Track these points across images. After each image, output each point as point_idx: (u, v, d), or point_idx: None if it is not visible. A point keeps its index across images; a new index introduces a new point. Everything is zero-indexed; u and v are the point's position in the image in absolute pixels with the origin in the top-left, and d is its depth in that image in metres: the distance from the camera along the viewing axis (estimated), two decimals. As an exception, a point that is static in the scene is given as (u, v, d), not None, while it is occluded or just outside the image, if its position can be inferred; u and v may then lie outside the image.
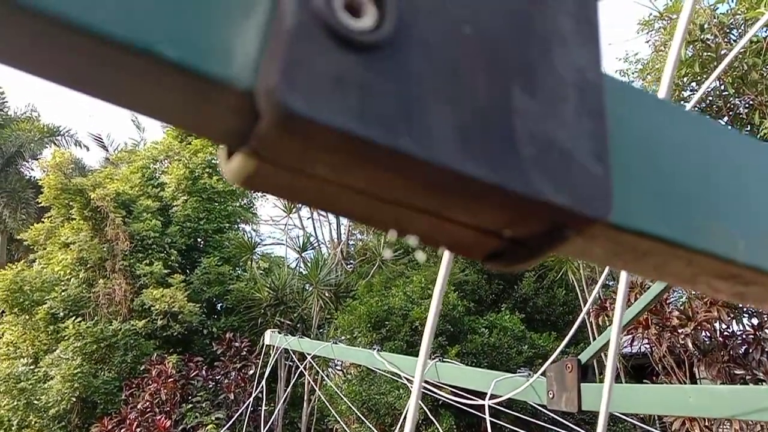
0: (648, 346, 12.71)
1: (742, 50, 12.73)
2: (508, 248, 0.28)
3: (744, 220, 0.33)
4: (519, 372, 2.51)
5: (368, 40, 0.23)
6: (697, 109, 13.89)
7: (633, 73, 15.58)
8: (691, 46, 13.17)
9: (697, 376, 12.73)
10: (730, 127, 13.24)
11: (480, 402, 2.59)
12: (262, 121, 0.21)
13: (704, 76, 13.55)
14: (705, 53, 13.20)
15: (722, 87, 13.64)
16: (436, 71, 0.24)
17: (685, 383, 11.57)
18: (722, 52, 12.97)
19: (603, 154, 0.27)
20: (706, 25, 13.15)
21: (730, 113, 14.10)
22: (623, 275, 1.20)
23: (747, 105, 14.21)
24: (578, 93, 0.27)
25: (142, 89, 0.22)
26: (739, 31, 13.68)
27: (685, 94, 14.01)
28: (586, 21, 0.29)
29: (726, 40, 13.42)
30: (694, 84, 13.94)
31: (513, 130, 0.25)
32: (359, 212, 0.26)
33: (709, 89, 13.85)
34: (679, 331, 11.11)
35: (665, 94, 1.00)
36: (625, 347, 14.76)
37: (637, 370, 14.32)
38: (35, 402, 14.50)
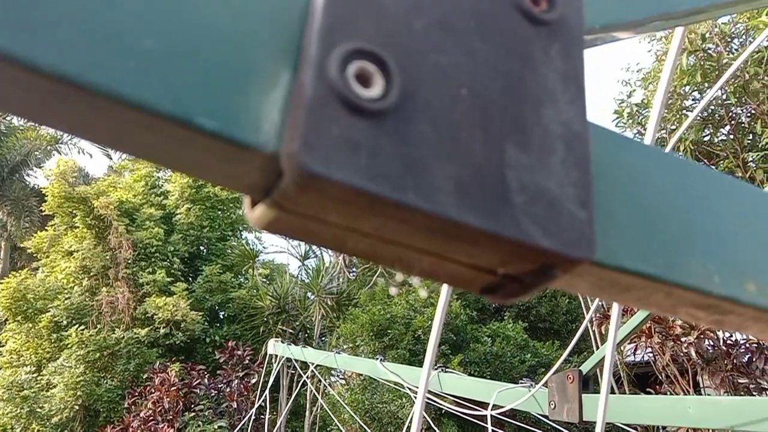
0: (651, 354, 12.69)
1: (744, 60, 12.77)
2: (502, 283, 0.31)
3: (719, 255, 0.36)
4: (521, 382, 2.53)
5: (377, 108, 0.26)
6: (699, 118, 13.93)
7: (635, 83, 15.64)
8: (693, 55, 13.23)
9: (701, 385, 12.69)
10: (731, 136, 13.26)
11: (482, 412, 2.62)
12: (285, 178, 0.25)
13: (706, 85, 13.59)
14: (706, 63, 13.25)
15: (724, 96, 13.68)
16: (436, 132, 0.27)
17: (689, 392, 11.56)
18: (724, 62, 13.02)
19: (587, 201, 0.30)
20: (707, 35, 13.21)
21: (732, 122, 14.14)
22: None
23: (749, 114, 14.24)
24: (565, 145, 0.30)
25: (182, 152, 0.25)
26: (741, 40, 13.73)
27: (687, 103, 14.05)
28: (572, 78, 0.32)
29: (727, 49, 13.47)
30: (696, 93, 13.98)
31: (506, 182, 0.28)
32: (367, 252, 0.29)
33: (712, 99, 13.89)
34: (683, 339, 11.10)
35: (660, 103, 1.03)
36: (629, 356, 14.73)
37: (640, 378, 14.29)
38: (38, 410, 14.52)
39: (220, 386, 13.91)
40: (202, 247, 18.91)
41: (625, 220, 0.33)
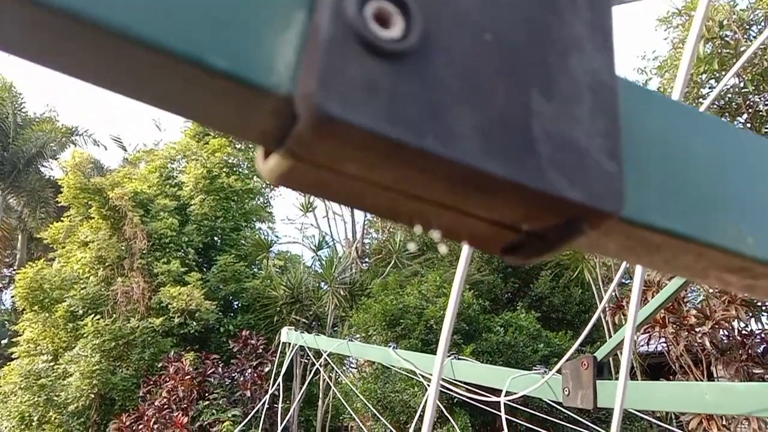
0: (665, 344, 12.62)
1: (761, 47, 12.59)
2: (525, 241, 0.30)
3: (753, 216, 0.34)
4: (535, 369, 2.52)
5: (396, 49, 0.24)
6: (715, 106, 13.77)
7: (651, 71, 15.47)
8: (710, 42, 13.05)
9: (715, 375, 12.62)
10: (748, 125, 13.11)
11: (495, 399, 2.61)
12: (300, 122, 0.23)
13: (723, 73, 13.41)
14: (724, 50, 13.06)
15: (741, 84, 13.50)
16: (458, 76, 0.26)
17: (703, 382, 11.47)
18: (741, 49, 12.83)
19: (616, 152, 0.28)
20: (725, 22, 13.01)
21: (750, 110, 13.96)
22: (638, 274, 1.21)
23: (766, 102, 14.05)
24: (593, 95, 0.29)
25: (192, 95, 0.24)
26: (759, 27, 13.52)
27: (704, 91, 13.88)
28: (600, 27, 0.31)
29: (745, 36, 13.28)
30: (712, 81, 13.80)
31: (531, 131, 0.27)
32: (385, 207, 0.28)
33: (728, 86, 13.71)
34: (697, 329, 11.03)
35: (679, 93, 1.00)
36: (642, 346, 14.67)
37: (653, 368, 14.22)
38: (55, 398, 14.70)
39: (233, 375, 14.01)
40: (216, 238, 19.00)
41: (655, 175, 0.31)
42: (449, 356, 3.21)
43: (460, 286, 0.97)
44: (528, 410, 6.43)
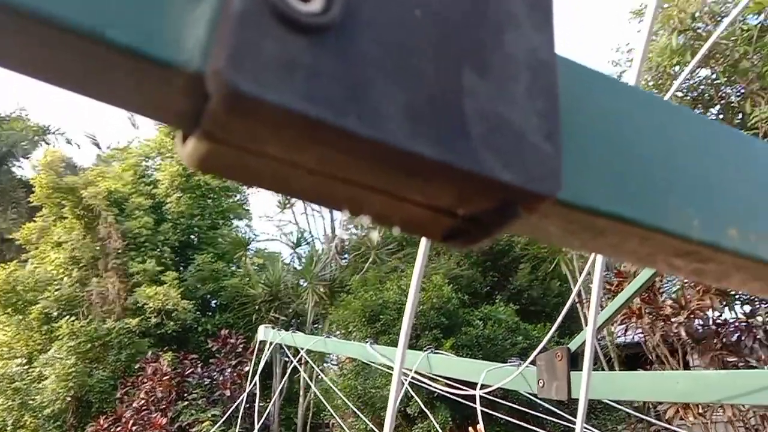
0: (642, 335, 12.78)
1: (734, 38, 12.77)
2: (463, 227, 0.28)
3: (700, 200, 0.33)
4: (510, 361, 2.53)
5: (316, 23, 0.23)
6: (688, 98, 13.94)
7: (625, 63, 15.61)
8: (682, 34, 13.19)
9: (691, 364, 12.80)
10: (720, 116, 13.29)
11: (471, 392, 2.61)
12: (212, 101, 0.22)
13: (696, 65, 13.58)
14: (696, 42, 13.21)
15: (714, 76, 13.68)
16: (385, 53, 0.24)
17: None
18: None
19: (554, 133, 0.27)
20: (697, 14, 13.17)
21: (722, 101, 14.15)
22: (598, 267, 1.21)
23: (738, 93, 14.26)
24: (530, 73, 0.28)
25: (95, 74, 0.23)
26: (732, 19, 13.71)
27: (677, 83, 14.02)
28: (539, 5, 0.30)
29: (717, 28, 13.43)
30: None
31: (463, 110, 0.25)
32: (312, 192, 0.26)
33: (700, 78, 13.91)
34: (672, 319, 11.17)
35: (635, 81, 1.01)
36: (619, 336, 14.83)
37: (631, 359, 14.40)
38: (30, 402, 14.48)
39: (213, 375, 13.92)
40: (192, 236, 18.83)
41: (599, 158, 0.31)
42: (426, 350, 3.21)
43: (419, 278, 0.97)
44: (507, 403, 6.47)
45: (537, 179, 0.26)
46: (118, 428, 12.71)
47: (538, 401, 3.23)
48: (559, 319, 2.23)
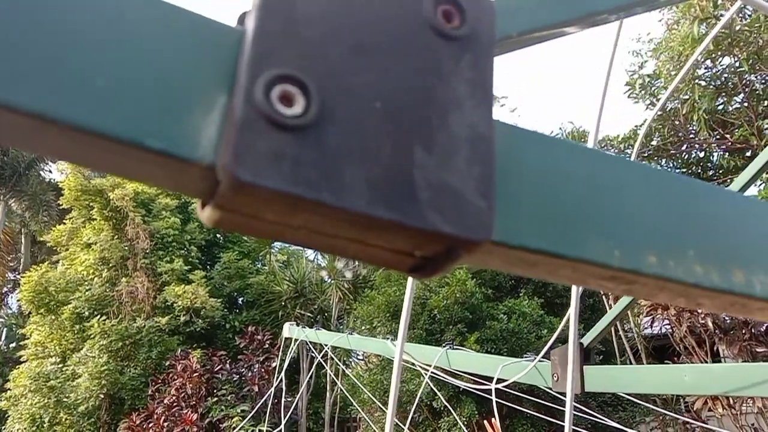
0: (669, 326, 12.70)
1: (757, 26, 12.58)
2: (421, 264, 0.36)
3: (620, 232, 0.41)
4: (525, 356, 2.59)
5: (298, 123, 0.31)
6: (711, 87, 13.77)
7: (647, 53, 15.46)
8: (704, 23, 13.03)
9: (721, 355, 12.69)
10: (745, 104, 13.06)
11: (488, 386, 2.69)
12: (221, 186, 0.30)
13: (718, 53, 13.42)
14: (720, 30, 13.04)
15: (737, 63, 13.50)
16: (351, 141, 0.32)
17: (707, 362, 11.56)
18: (736, 28, 12.82)
19: (488, 192, 0.35)
20: (719, 1, 13.00)
21: (746, 89, 13.96)
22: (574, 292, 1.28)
23: (763, 81, 14.05)
24: (470, 145, 0.35)
25: (137, 167, 0.31)
26: (739, 5, 13.48)
27: (700, 72, 13.89)
28: (480, 85, 0.37)
29: (740, 15, 13.25)
30: (708, 62, 13.81)
31: (413, 180, 0.33)
32: (303, 241, 0.35)
33: (723, 66, 13.73)
34: (699, 310, 11.08)
35: (593, 141, 1.07)
36: (646, 328, 14.73)
37: (658, 351, 14.30)
38: (65, 399, 14.86)
39: (241, 371, 14.15)
40: (218, 235, 19.11)
41: (528, 204, 0.38)
42: (445, 346, 3.29)
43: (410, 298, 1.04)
44: (531, 398, 6.51)
45: (472, 229, 0.34)
46: (150, 424, 13.00)
47: (561, 396, 3.29)
48: (569, 312, 2.28)
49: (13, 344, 22.49)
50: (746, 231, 0.47)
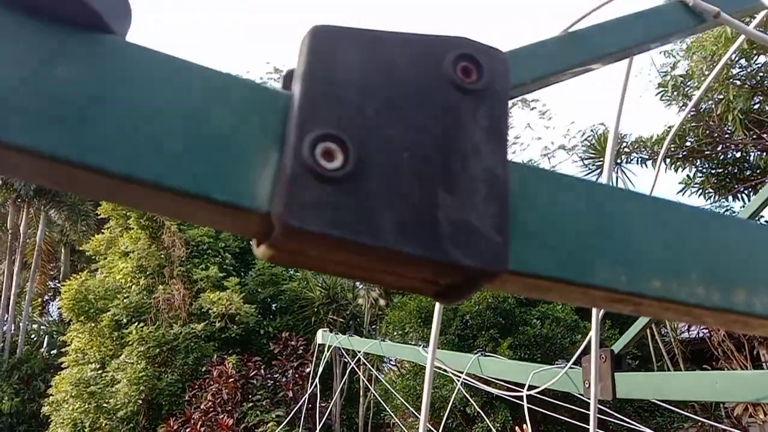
0: (706, 330, 12.49)
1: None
2: (445, 290, 0.42)
3: (627, 259, 0.45)
4: (556, 363, 2.61)
5: (338, 176, 0.37)
6: (747, 86, 13.51)
7: (679, 54, 15.23)
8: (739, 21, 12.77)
9: (762, 360, 12.42)
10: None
11: (520, 393, 2.71)
12: (275, 231, 0.36)
13: (753, 51, 13.17)
14: (756, 29, 12.78)
15: (773, 63, 13.22)
16: (383, 187, 0.38)
17: (746, 367, 11.33)
18: (772, 26, 12.55)
19: (503, 227, 0.40)
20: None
21: (783, 89, 13.65)
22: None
23: (800, 80, 13.73)
24: (487, 186, 0.41)
25: (205, 215, 0.37)
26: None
27: (734, 71, 13.64)
28: (495, 131, 0.42)
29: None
30: (743, 61, 13.56)
31: (436, 219, 0.39)
32: (343, 273, 0.40)
33: (759, 65, 13.46)
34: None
35: (606, 176, 1.11)
36: (683, 333, 14.48)
37: (696, 355, 14.06)
38: (104, 405, 15.19)
39: (275, 376, 14.31)
40: (251, 242, 19.34)
41: (540, 236, 0.43)
42: (476, 353, 3.33)
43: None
44: (565, 405, 6.48)
45: (489, 262, 0.39)
46: (188, 429, 13.22)
47: (601, 404, 3.29)
48: (594, 320, 2.30)
49: (55, 351, 23.06)
50: (746, 253, 0.51)
